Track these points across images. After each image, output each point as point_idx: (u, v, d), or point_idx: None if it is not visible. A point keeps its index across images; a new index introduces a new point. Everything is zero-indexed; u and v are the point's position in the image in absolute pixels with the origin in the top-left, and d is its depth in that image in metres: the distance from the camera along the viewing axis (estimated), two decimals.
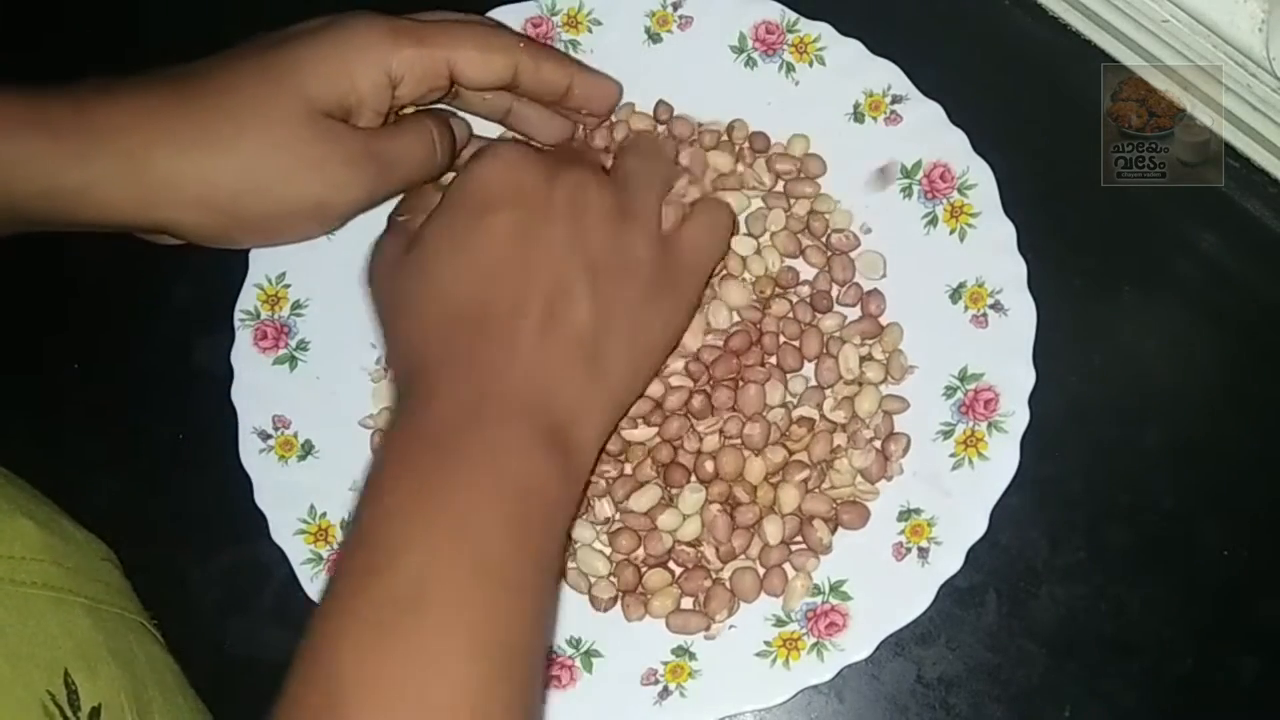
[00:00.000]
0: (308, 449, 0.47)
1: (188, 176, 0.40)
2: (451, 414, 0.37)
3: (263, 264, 0.48)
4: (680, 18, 0.49)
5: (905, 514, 0.45)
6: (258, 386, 0.47)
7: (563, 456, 0.37)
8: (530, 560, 0.36)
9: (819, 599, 0.44)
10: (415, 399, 0.38)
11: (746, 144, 0.49)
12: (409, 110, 0.46)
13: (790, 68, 0.49)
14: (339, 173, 0.42)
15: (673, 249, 0.42)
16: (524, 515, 0.36)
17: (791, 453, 0.45)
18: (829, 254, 0.47)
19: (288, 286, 0.48)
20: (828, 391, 0.46)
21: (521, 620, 0.35)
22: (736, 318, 0.47)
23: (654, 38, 0.50)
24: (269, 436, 0.46)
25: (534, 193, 0.39)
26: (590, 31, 0.49)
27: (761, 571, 0.45)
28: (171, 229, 0.42)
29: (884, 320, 0.47)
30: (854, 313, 0.47)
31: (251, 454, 0.46)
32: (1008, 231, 0.46)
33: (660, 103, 0.49)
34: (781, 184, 0.48)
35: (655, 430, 0.45)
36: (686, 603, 0.45)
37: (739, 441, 0.45)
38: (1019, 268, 0.46)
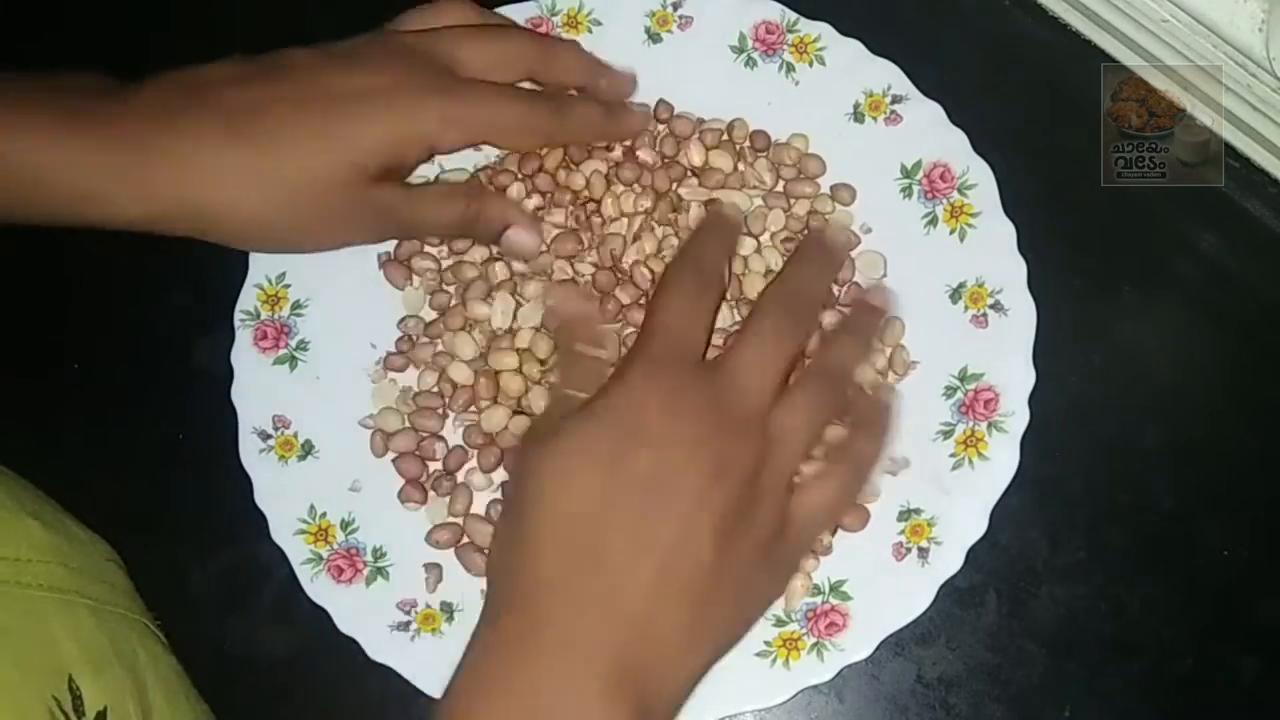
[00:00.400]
0: (308, 449, 0.47)
1: (242, 212, 0.43)
2: (536, 651, 0.36)
3: (263, 264, 0.48)
4: (680, 18, 0.49)
5: (905, 514, 0.45)
6: (258, 386, 0.47)
7: None
8: None
9: (819, 599, 0.44)
10: (508, 615, 0.37)
11: (747, 143, 0.49)
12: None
13: (790, 68, 0.49)
14: (362, 229, 0.46)
15: (792, 517, 0.40)
16: None
17: None
18: None
19: (288, 286, 0.48)
20: None
21: None
22: (737, 316, 0.47)
23: (654, 38, 0.49)
24: (269, 436, 0.46)
25: (684, 441, 0.38)
26: (590, 32, 0.49)
27: None
28: (215, 241, 0.44)
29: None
30: None
31: (251, 454, 0.46)
32: (1008, 231, 0.46)
33: (661, 102, 0.49)
34: (782, 184, 0.48)
35: None
36: None
37: None
38: (1019, 268, 0.46)
